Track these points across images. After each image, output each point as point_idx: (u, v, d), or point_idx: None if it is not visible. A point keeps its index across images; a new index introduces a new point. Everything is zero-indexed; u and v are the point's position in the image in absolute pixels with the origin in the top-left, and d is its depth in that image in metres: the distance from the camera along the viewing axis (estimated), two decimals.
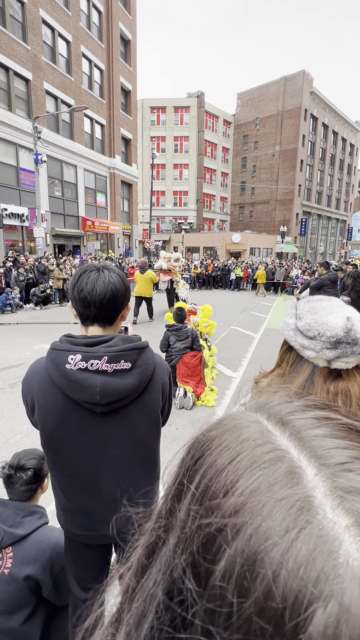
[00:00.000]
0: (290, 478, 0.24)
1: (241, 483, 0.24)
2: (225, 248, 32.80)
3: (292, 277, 19.61)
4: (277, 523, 0.21)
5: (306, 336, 0.92)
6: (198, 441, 0.31)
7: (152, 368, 1.22)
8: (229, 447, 0.27)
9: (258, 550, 0.21)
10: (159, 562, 0.27)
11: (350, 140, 49.50)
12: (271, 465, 0.25)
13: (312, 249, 44.63)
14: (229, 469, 0.26)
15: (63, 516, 1.29)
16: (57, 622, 1.53)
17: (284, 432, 0.28)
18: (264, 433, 0.28)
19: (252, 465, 0.25)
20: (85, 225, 20.15)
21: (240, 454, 0.26)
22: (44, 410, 1.16)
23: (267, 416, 0.31)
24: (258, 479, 0.24)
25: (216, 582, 0.22)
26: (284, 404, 0.33)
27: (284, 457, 0.25)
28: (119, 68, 22.61)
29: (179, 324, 4.95)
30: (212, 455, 0.28)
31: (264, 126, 40.83)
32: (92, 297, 1.13)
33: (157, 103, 37.66)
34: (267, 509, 0.22)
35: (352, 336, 0.88)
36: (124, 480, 1.24)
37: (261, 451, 0.26)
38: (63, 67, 18.38)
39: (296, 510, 0.22)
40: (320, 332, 0.89)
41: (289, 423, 0.29)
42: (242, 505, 0.23)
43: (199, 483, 0.27)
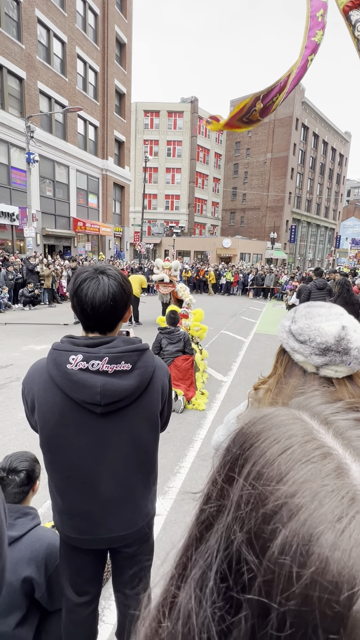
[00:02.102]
0: (338, 472, 0.26)
1: (293, 474, 0.27)
2: (216, 253, 33.00)
3: (281, 283, 19.83)
4: (330, 510, 0.24)
5: (297, 339, 0.92)
6: (243, 433, 0.33)
7: (152, 370, 1.22)
8: (278, 441, 0.30)
9: (313, 533, 0.24)
10: (215, 537, 0.30)
11: (340, 150, 50.53)
12: (321, 460, 0.27)
13: (301, 255, 45.25)
14: (280, 460, 0.28)
15: (59, 519, 1.28)
16: (49, 626, 1.51)
17: (328, 431, 0.31)
18: (310, 430, 0.31)
19: (303, 459, 0.28)
20: (77, 226, 20.03)
21: (290, 447, 0.29)
22: (44, 410, 1.16)
23: (310, 415, 0.33)
24: (309, 471, 0.27)
25: (274, 555, 0.24)
26: (325, 404, 0.35)
27: (332, 454, 0.28)
28: (114, 71, 22.65)
29: (171, 327, 4.96)
30: (261, 447, 0.30)
31: (256, 134, 41.36)
32: (91, 309, 1.12)
33: (151, 107, 37.81)
34: (319, 498, 0.25)
35: (343, 345, 0.87)
36: (122, 482, 1.24)
37: (310, 447, 0.29)
38: (58, 67, 18.32)
39: (347, 500, 0.24)
40: (310, 337, 0.90)
41: (333, 423, 0.32)
42: (295, 493, 0.26)
43: (250, 470, 0.29)
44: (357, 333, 0.90)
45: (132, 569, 1.38)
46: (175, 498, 2.93)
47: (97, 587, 1.41)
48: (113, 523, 1.25)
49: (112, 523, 1.25)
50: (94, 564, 1.36)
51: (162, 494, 2.96)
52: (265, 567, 0.25)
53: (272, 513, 0.26)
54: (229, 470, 0.32)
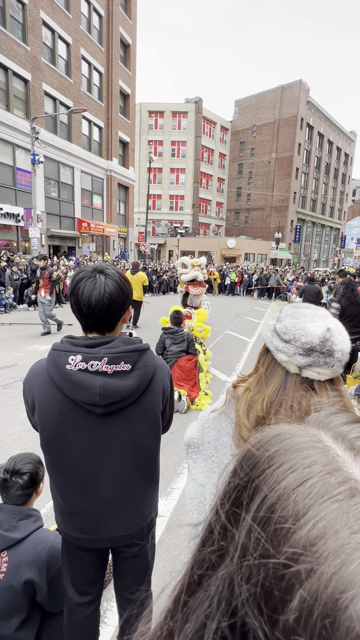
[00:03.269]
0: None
1: (312, 514, 0.22)
2: (220, 253, 32.94)
3: (286, 282, 19.75)
4: (358, 570, 0.19)
5: (281, 339, 0.91)
6: (252, 455, 0.29)
7: (152, 370, 1.21)
8: (295, 469, 0.25)
9: (340, 599, 0.19)
10: (215, 587, 0.25)
11: (345, 149, 50.22)
12: (348, 499, 0.23)
13: (306, 255, 45.04)
14: (297, 494, 0.24)
15: (60, 519, 1.28)
16: (50, 628, 1.51)
17: (355, 460, 0.26)
18: (334, 458, 0.26)
19: (325, 496, 0.23)
20: (81, 226, 20.10)
21: (309, 479, 0.24)
22: (44, 410, 1.15)
23: (332, 437, 0.28)
24: (333, 513, 0.22)
25: (287, 624, 0.20)
26: (351, 425, 0.30)
27: (358, 490, 0.23)
28: (118, 72, 22.70)
29: (175, 327, 4.95)
30: (274, 475, 0.26)
31: (261, 133, 41.26)
32: (88, 309, 1.12)
33: (156, 107, 37.85)
34: (347, 551, 0.20)
35: (328, 347, 0.86)
36: (123, 483, 1.23)
37: (335, 480, 0.24)
38: (62, 69, 18.41)
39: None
40: (295, 336, 0.88)
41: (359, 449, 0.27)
42: (316, 541, 0.21)
43: (260, 505, 0.25)
44: (342, 336, 0.89)
45: (134, 570, 1.38)
46: (178, 499, 2.92)
47: (99, 587, 1.41)
48: (114, 523, 1.25)
49: (113, 523, 1.25)
50: (95, 564, 1.36)
51: (165, 495, 2.95)
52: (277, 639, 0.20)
53: (286, 566, 0.21)
54: (233, 503, 0.27)
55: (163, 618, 0.29)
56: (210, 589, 0.26)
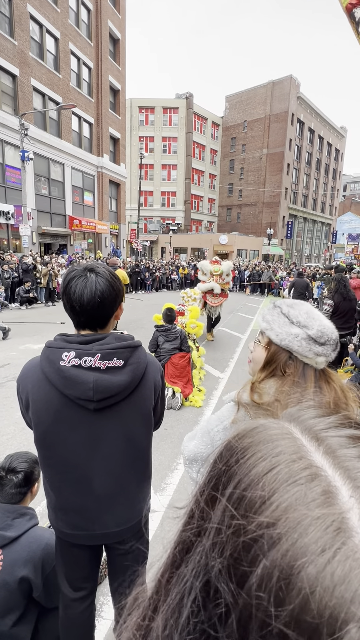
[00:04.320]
0: (326, 497, 0.24)
1: (277, 496, 0.25)
2: (212, 249, 32.95)
3: (278, 278, 19.86)
4: (314, 541, 0.22)
5: (318, 343, 0.92)
6: (230, 446, 0.32)
7: (144, 366, 1.24)
8: (264, 458, 0.28)
9: (294, 565, 0.22)
10: (194, 561, 0.28)
11: (336, 145, 50.45)
12: (307, 482, 0.25)
13: (297, 251, 45.28)
14: (265, 480, 0.26)
15: (54, 515, 1.29)
16: (47, 623, 1.53)
17: (318, 449, 0.29)
18: (299, 448, 0.29)
19: (289, 480, 0.26)
20: (72, 224, 19.94)
21: (277, 466, 0.27)
22: (38, 407, 1.17)
23: (301, 430, 0.31)
24: (295, 494, 0.25)
25: (252, 588, 0.23)
26: (318, 418, 0.33)
27: (320, 475, 0.26)
28: (108, 67, 22.47)
29: (167, 325, 4.97)
30: (247, 464, 0.28)
31: (252, 129, 41.24)
32: (79, 306, 1.14)
33: (146, 103, 37.58)
34: (303, 526, 0.23)
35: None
36: (116, 478, 1.25)
37: (298, 467, 0.27)
38: (51, 64, 18.16)
39: (332, 530, 0.22)
40: (330, 336, 0.92)
41: (324, 440, 0.30)
42: (278, 518, 0.24)
43: (234, 490, 0.28)
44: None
45: (128, 566, 1.40)
46: (172, 495, 2.95)
47: (93, 582, 1.43)
48: (107, 519, 1.27)
49: (107, 519, 1.27)
50: (89, 560, 1.37)
51: (159, 491, 2.97)
52: (243, 601, 0.23)
53: (253, 541, 0.24)
54: (212, 488, 0.30)
55: (149, 595, 0.33)
56: (190, 564, 0.29)
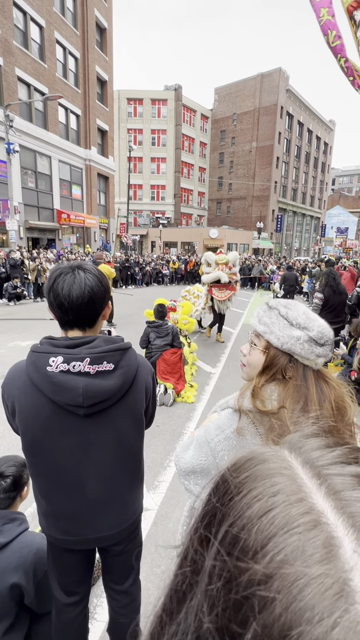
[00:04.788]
0: (326, 551, 0.22)
1: (272, 545, 0.23)
2: (202, 243, 32.89)
3: (268, 272, 19.93)
4: (311, 606, 0.20)
5: (319, 344, 0.91)
6: (225, 480, 0.29)
7: (135, 369, 1.21)
8: (260, 498, 0.25)
9: (288, 635, 0.19)
10: (185, 613, 0.26)
11: (325, 139, 50.57)
12: (306, 532, 0.23)
13: (287, 245, 45.49)
14: (260, 524, 0.24)
15: (45, 521, 1.26)
16: (39, 629, 1.50)
17: (320, 489, 0.26)
18: (299, 487, 0.26)
19: (286, 527, 0.23)
20: (61, 218, 19.63)
21: (274, 509, 0.24)
22: (26, 414, 1.13)
23: (302, 463, 0.28)
24: (292, 545, 0.22)
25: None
26: (322, 450, 0.30)
27: (321, 523, 0.23)
28: (95, 57, 22.02)
29: (159, 321, 4.93)
30: (241, 503, 0.26)
31: (241, 122, 41.02)
32: (68, 303, 1.09)
33: (134, 95, 37.02)
34: (299, 586, 0.20)
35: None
36: (108, 482, 1.22)
37: (297, 512, 0.24)
38: (36, 53, 17.70)
39: (332, 594, 0.20)
40: (329, 337, 0.91)
41: (326, 478, 0.27)
42: (272, 574, 0.22)
43: (226, 532, 0.25)
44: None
45: (121, 566, 1.39)
46: (165, 492, 2.94)
47: (86, 586, 1.41)
48: (100, 523, 1.25)
49: (99, 523, 1.25)
50: (82, 564, 1.35)
51: (152, 489, 2.96)
52: None
53: (244, 598, 0.22)
54: (206, 527, 0.28)
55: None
56: (182, 616, 0.26)
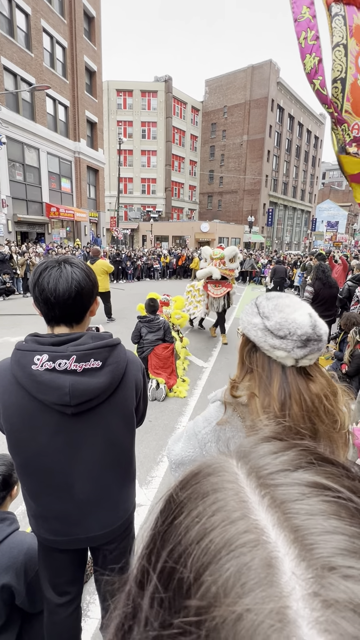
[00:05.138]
0: (264, 576, 0.20)
1: (207, 576, 0.21)
2: (194, 237, 32.78)
3: (260, 266, 19.98)
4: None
5: (276, 336, 0.89)
6: (171, 499, 0.27)
7: (124, 365, 1.17)
8: (199, 520, 0.23)
9: None
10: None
11: (315, 132, 50.61)
12: (243, 556, 0.21)
13: (278, 239, 45.63)
14: (197, 551, 0.22)
15: (34, 522, 1.23)
16: (31, 629, 1.48)
17: (262, 502, 0.24)
18: (242, 503, 0.24)
19: (222, 551, 0.21)
20: (50, 211, 19.33)
21: (212, 531, 0.22)
22: (10, 413, 1.09)
23: (247, 473, 0.26)
24: (226, 573, 0.20)
25: None
26: (269, 456, 0.27)
27: (260, 543, 0.21)
28: (83, 46, 21.57)
29: (150, 316, 4.90)
30: (181, 526, 0.24)
31: (232, 115, 40.77)
32: (55, 297, 1.05)
33: (124, 86, 36.45)
34: (232, 622, 0.19)
35: (318, 332, 0.87)
36: (98, 482, 1.20)
37: (234, 531, 0.22)
38: (22, 41, 17.24)
39: (267, 627, 0.18)
40: (291, 330, 0.87)
41: (270, 488, 0.24)
42: (206, 611, 0.20)
43: (164, 564, 0.23)
44: (319, 318, 0.91)
45: (113, 563, 1.37)
46: (158, 487, 2.94)
47: (79, 585, 1.39)
48: (91, 523, 1.23)
49: (90, 523, 1.22)
50: (73, 564, 1.33)
51: (145, 484, 2.95)
52: None
53: (178, 632, 0.20)
54: (148, 557, 0.25)
55: None
56: None
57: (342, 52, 2.74)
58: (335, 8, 2.81)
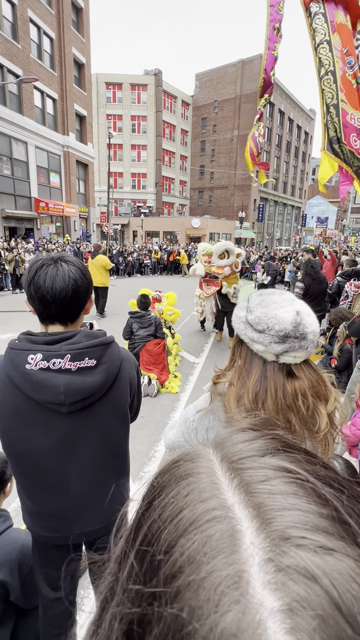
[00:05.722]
0: (226, 546, 0.22)
1: (177, 548, 0.23)
2: (185, 233, 32.72)
3: (251, 262, 20.06)
4: (204, 601, 0.20)
5: (255, 329, 0.90)
6: (151, 485, 0.29)
7: (118, 364, 1.18)
8: (174, 501, 0.25)
9: (185, 633, 0.19)
10: (105, 620, 0.25)
11: (305, 128, 50.75)
12: (209, 529, 0.23)
13: (269, 234, 45.81)
14: (169, 528, 0.24)
15: (30, 520, 1.24)
16: (26, 624, 1.49)
17: (231, 483, 0.26)
18: (213, 484, 0.26)
19: (192, 526, 0.23)
20: (39, 206, 19.06)
21: (184, 509, 0.24)
22: (4, 412, 1.09)
23: (220, 458, 0.28)
24: (194, 544, 0.22)
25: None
26: (242, 444, 0.30)
27: (224, 518, 0.23)
28: (71, 38, 21.20)
29: (142, 312, 4.90)
30: (158, 507, 0.26)
31: (223, 109, 40.61)
32: (51, 295, 1.04)
33: (113, 79, 35.98)
34: (196, 585, 0.20)
35: (300, 330, 0.87)
36: (93, 479, 1.21)
37: (203, 509, 0.24)
38: (8, 32, 16.85)
39: (224, 587, 0.20)
40: (269, 325, 0.88)
41: (240, 471, 0.27)
42: (173, 577, 0.22)
43: (142, 539, 0.25)
44: (310, 317, 0.91)
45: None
46: None
47: (73, 581, 1.41)
48: (86, 519, 1.24)
49: (85, 519, 1.24)
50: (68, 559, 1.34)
51: (138, 479, 2.97)
52: None
53: (148, 604, 0.22)
54: (127, 537, 0.28)
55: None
56: (104, 624, 0.26)
57: (326, 48, 2.80)
58: (314, 7, 2.88)
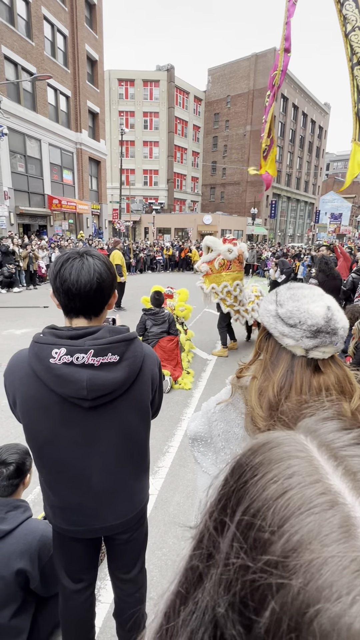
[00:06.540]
0: (343, 531, 0.22)
1: (288, 527, 0.23)
2: (196, 229, 32.61)
3: (263, 259, 19.89)
4: (328, 584, 0.19)
5: (287, 324, 0.90)
6: (240, 464, 0.29)
7: (140, 360, 1.18)
8: (276, 480, 0.25)
9: (306, 613, 0.19)
10: (201, 596, 0.26)
11: (319, 122, 49.87)
12: (323, 512, 0.23)
13: (281, 231, 45.30)
14: (276, 505, 0.24)
15: (51, 512, 1.26)
16: (45, 612, 1.53)
17: (336, 470, 0.26)
18: (316, 469, 0.26)
19: (302, 508, 0.23)
20: (52, 203, 19.25)
21: (289, 490, 0.24)
22: (28, 406, 1.11)
23: (317, 445, 0.28)
24: (308, 525, 0.22)
25: (259, 634, 0.20)
26: (338, 432, 0.30)
27: (337, 503, 0.23)
28: (84, 35, 21.24)
29: (155, 308, 4.91)
30: (257, 485, 0.26)
31: (235, 104, 40.19)
32: (76, 288, 1.05)
33: (125, 75, 35.95)
34: (316, 565, 0.20)
35: (332, 326, 0.87)
36: (114, 474, 1.22)
37: (313, 492, 0.24)
38: (23, 30, 16.99)
39: (350, 572, 0.20)
40: (301, 320, 0.88)
41: (343, 460, 0.26)
42: (289, 555, 0.22)
43: (243, 515, 0.25)
44: (340, 312, 0.91)
45: (127, 554, 1.40)
46: (165, 477, 2.98)
47: (93, 573, 1.43)
48: (107, 514, 1.25)
49: (106, 514, 1.25)
50: (88, 552, 1.36)
51: (152, 474, 2.99)
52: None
53: (261, 578, 0.22)
54: (221, 511, 0.28)
55: (158, 627, 0.29)
56: (198, 599, 0.26)
57: (358, 35, 2.73)
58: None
